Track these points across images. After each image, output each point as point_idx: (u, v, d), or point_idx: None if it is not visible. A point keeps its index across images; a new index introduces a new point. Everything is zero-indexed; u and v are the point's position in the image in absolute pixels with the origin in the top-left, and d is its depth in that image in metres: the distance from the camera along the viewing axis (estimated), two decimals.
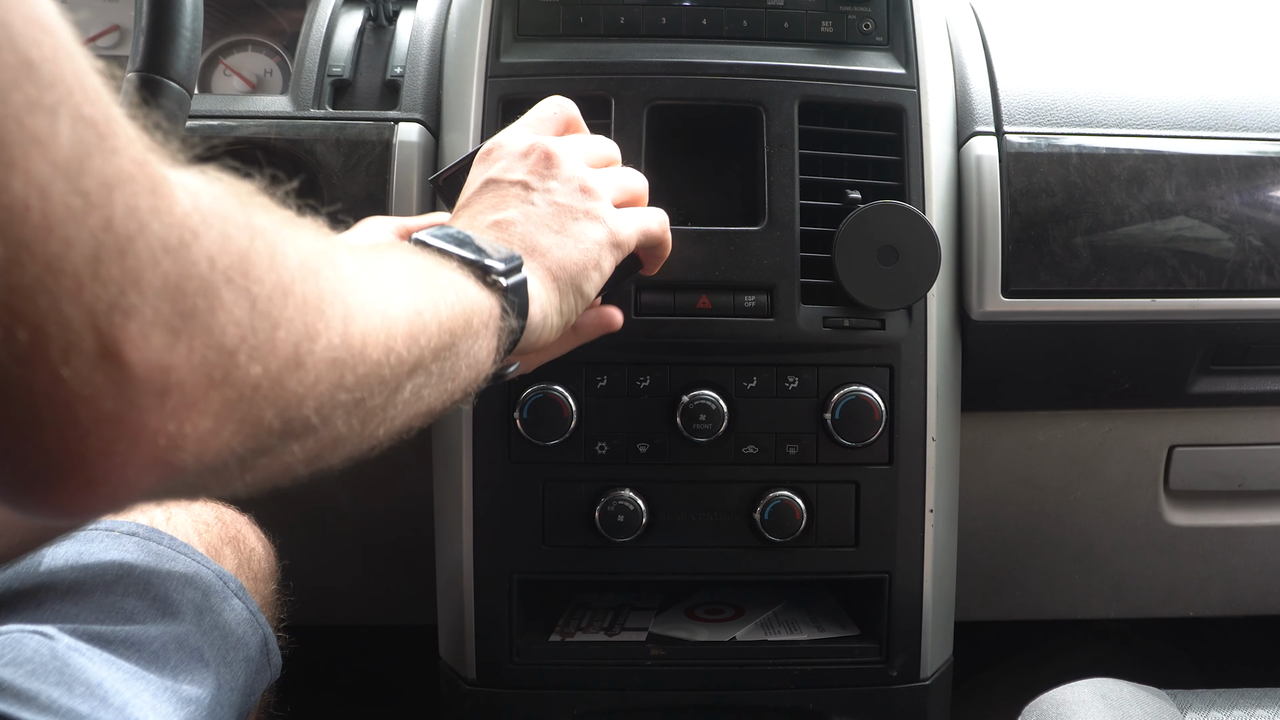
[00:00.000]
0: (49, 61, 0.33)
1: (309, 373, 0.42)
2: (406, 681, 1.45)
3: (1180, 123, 0.97)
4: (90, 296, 0.34)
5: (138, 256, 0.35)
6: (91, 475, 0.36)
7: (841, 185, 0.90)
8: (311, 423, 0.43)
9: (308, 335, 0.42)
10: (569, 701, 0.95)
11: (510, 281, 0.61)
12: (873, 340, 0.90)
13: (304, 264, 0.42)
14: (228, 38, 1.10)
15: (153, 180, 0.36)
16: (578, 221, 0.68)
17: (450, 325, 0.54)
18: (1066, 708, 0.73)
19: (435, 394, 0.55)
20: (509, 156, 0.70)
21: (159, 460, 0.37)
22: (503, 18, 0.93)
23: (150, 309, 0.35)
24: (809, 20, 0.94)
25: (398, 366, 0.49)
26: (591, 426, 0.90)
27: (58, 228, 0.33)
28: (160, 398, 0.36)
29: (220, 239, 0.38)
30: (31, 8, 0.33)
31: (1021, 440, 1.07)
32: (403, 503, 1.00)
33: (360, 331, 0.45)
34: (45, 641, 0.60)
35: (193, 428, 0.37)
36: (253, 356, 0.39)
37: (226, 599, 0.73)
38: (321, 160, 0.94)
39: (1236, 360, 1.01)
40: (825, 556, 0.93)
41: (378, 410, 0.49)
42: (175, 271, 0.36)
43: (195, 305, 0.37)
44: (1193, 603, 1.19)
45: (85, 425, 0.35)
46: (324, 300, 0.43)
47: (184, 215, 0.37)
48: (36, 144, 0.33)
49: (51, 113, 0.33)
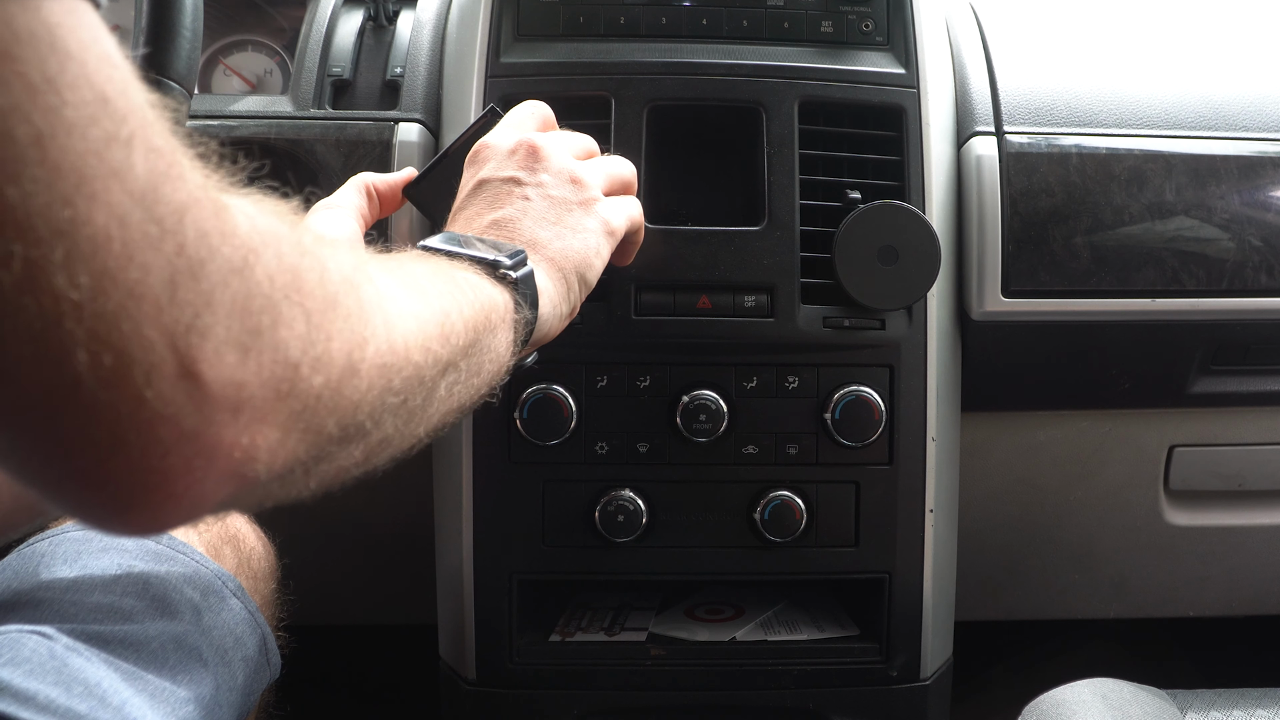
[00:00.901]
0: (121, 96, 0.35)
1: (362, 379, 0.44)
2: (406, 681, 1.45)
3: (1180, 123, 0.97)
4: (169, 319, 0.35)
5: (209, 279, 0.36)
6: (172, 491, 0.37)
7: (841, 185, 0.90)
8: (365, 427, 0.45)
9: (359, 343, 0.44)
10: (569, 701, 0.95)
11: (519, 274, 0.62)
12: (873, 340, 0.90)
13: (345, 278, 0.44)
14: (228, 38, 1.10)
15: (215, 205, 0.38)
16: (572, 212, 0.69)
17: (474, 323, 0.56)
18: (1066, 708, 0.73)
19: (465, 390, 0.57)
20: (497, 156, 0.71)
21: (234, 473, 0.38)
22: (503, 18, 0.93)
23: (223, 328, 0.37)
24: (809, 20, 0.94)
25: (434, 366, 0.51)
26: (591, 426, 0.90)
27: (137, 255, 0.34)
28: (234, 413, 0.38)
29: (276, 258, 0.40)
30: (103, 45, 0.35)
31: (1021, 440, 1.07)
32: (403, 503, 1.00)
33: (402, 336, 0.47)
34: (44, 641, 0.60)
35: (264, 439, 0.39)
36: (314, 368, 0.41)
37: (225, 599, 0.73)
38: (321, 160, 0.94)
39: (1236, 360, 1.01)
40: (825, 556, 0.93)
41: (419, 410, 0.51)
42: (242, 291, 0.38)
43: (261, 322, 0.38)
44: (1193, 603, 1.19)
45: (167, 443, 0.36)
46: (366, 310, 0.45)
47: (245, 236, 0.38)
48: (115, 175, 0.34)
49: (127, 145, 0.35)
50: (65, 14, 0.34)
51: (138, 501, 0.37)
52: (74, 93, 0.33)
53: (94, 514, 0.38)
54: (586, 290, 0.70)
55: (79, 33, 0.34)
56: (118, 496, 0.37)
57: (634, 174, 0.78)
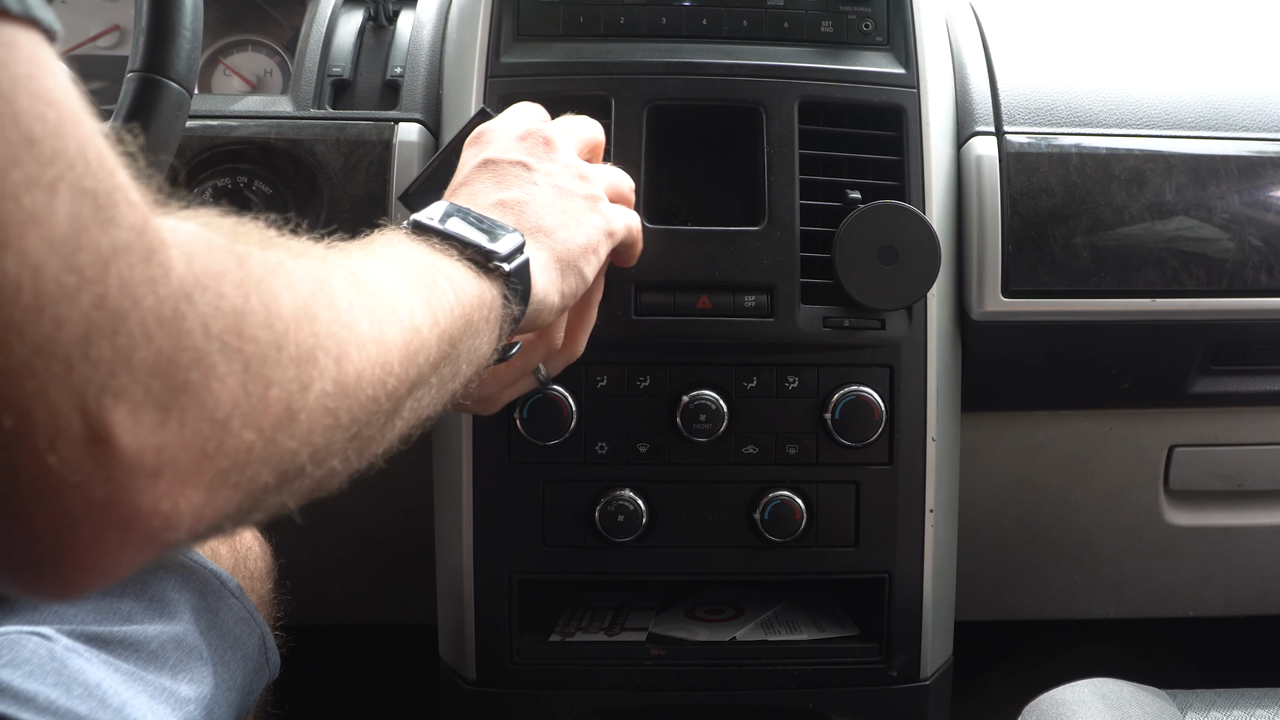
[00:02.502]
0: (52, 136, 0.33)
1: (302, 425, 0.40)
2: (406, 681, 1.45)
3: (1180, 123, 0.97)
4: (79, 379, 0.32)
5: (130, 334, 0.34)
6: (82, 562, 0.34)
7: (841, 185, 0.90)
8: (306, 469, 0.42)
9: (301, 387, 0.40)
10: (569, 701, 0.95)
11: (513, 266, 0.60)
12: (873, 340, 0.90)
13: (299, 308, 0.41)
14: (228, 38, 1.10)
15: (149, 248, 0.35)
16: (577, 205, 0.68)
17: (450, 332, 0.53)
18: (1066, 708, 0.73)
19: (435, 400, 0.54)
20: (505, 138, 0.70)
21: (152, 539, 0.36)
22: (503, 18, 0.93)
23: (141, 388, 0.34)
24: (809, 20, 0.94)
25: (395, 390, 0.48)
26: (591, 426, 0.90)
27: (49, 308, 0.32)
28: (152, 479, 0.35)
29: (214, 300, 0.37)
30: (40, 82, 0.33)
31: (1021, 440, 1.07)
32: (403, 503, 1.00)
33: (355, 370, 0.44)
34: (43, 643, 0.60)
35: (187, 502, 0.36)
36: (245, 422, 0.37)
37: (224, 598, 0.73)
38: (321, 160, 0.94)
39: (1236, 360, 1.01)
40: (825, 556, 0.93)
41: (375, 436, 0.48)
42: (168, 345, 0.35)
43: (188, 379, 0.35)
44: (1192, 603, 1.19)
45: (74, 513, 0.33)
46: (319, 345, 0.42)
47: (179, 281, 0.36)
48: (33, 222, 0.32)
49: (50, 189, 0.32)
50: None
51: (46, 570, 0.34)
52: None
53: (2, 581, 0.35)
54: (583, 286, 0.69)
55: (12, 69, 0.32)
56: (22, 565, 0.34)
57: (632, 188, 0.78)
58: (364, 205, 0.93)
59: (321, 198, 0.93)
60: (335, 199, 0.93)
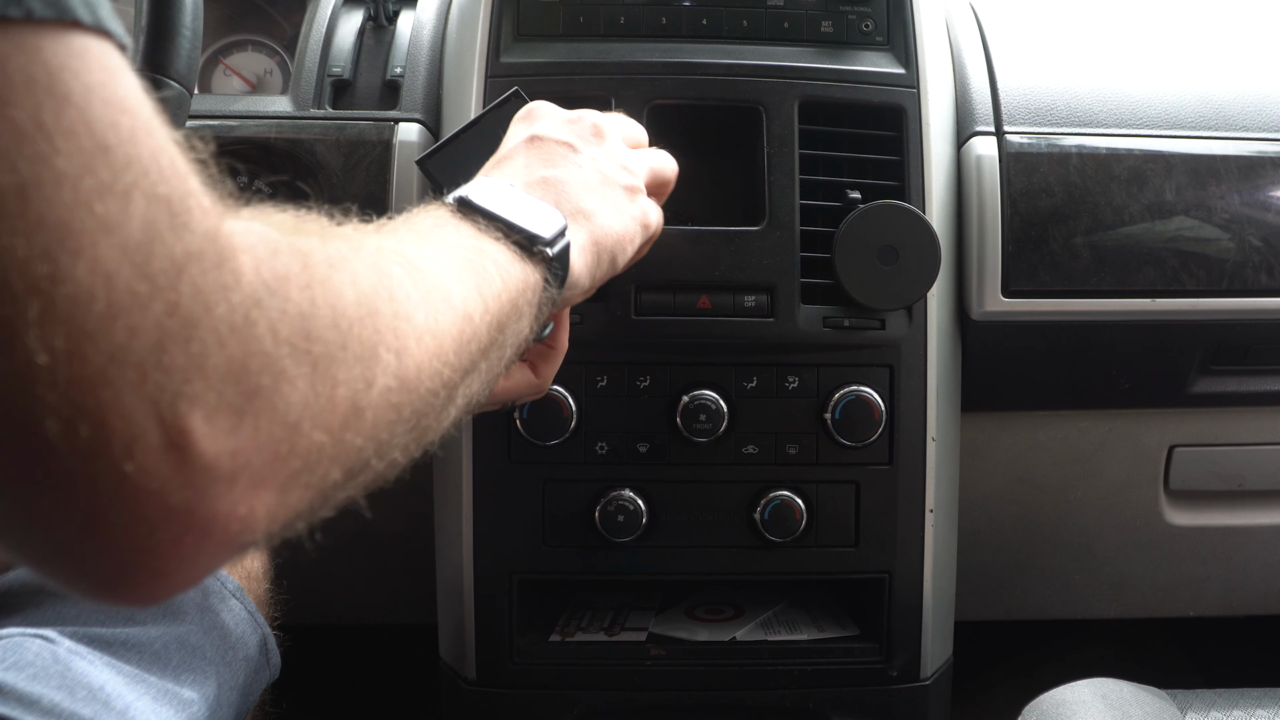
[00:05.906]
0: (126, 143, 0.33)
1: (367, 421, 0.41)
2: (406, 681, 1.45)
3: (1180, 123, 0.97)
4: (153, 387, 0.33)
5: (203, 341, 0.34)
6: (162, 567, 0.35)
7: (841, 185, 0.90)
8: (371, 463, 0.43)
9: (366, 385, 0.41)
10: (569, 701, 0.95)
11: (555, 250, 0.59)
12: (873, 340, 0.90)
13: (362, 304, 0.41)
14: (228, 38, 1.10)
15: (221, 254, 0.35)
16: (619, 194, 0.68)
17: (498, 317, 0.53)
18: (1066, 708, 0.73)
19: (484, 385, 0.54)
20: (554, 118, 0.70)
21: (230, 542, 0.36)
22: (503, 18, 0.93)
23: (214, 395, 0.34)
24: (809, 20, 0.94)
25: (450, 380, 0.48)
26: (591, 426, 0.90)
27: (122, 316, 0.32)
28: (229, 484, 0.35)
29: (282, 304, 0.37)
30: (113, 90, 0.33)
31: (1021, 440, 1.07)
32: (403, 502, 1.00)
33: (415, 363, 0.44)
34: (47, 645, 0.60)
35: (262, 505, 0.36)
36: (315, 423, 0.38)
37: (225, 599, 0.73)
38: (321, 160, 0.94)
39: (1236, 360, 1.01)
40: (825, 556, 0.93)
41: (433, 425, 0.48)
42: (240, 351, 0.35)
43: (259, 384, 0.35)
44: (1192, 603, 1.19)
45: (153, 519, 0.33)
46: (380, 341, 0.42)
47: (249, 288, 0.36)
48: (105, 229, 0.32)
49: (124, 196, 0.32)
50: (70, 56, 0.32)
51: (124, 578, 0.34)
52: (69, 140, 0.31)
53: (80, 589, 0.36)
54: (613, 274, 0.68)
55: (85, 76, 0.32)
56: (101, 573, 0.34)
57: (674, 171, 0.76)
58: (364, 205, 0.93)
59: (322, 198, 0.93)
60: (335, 199, 0.93)
